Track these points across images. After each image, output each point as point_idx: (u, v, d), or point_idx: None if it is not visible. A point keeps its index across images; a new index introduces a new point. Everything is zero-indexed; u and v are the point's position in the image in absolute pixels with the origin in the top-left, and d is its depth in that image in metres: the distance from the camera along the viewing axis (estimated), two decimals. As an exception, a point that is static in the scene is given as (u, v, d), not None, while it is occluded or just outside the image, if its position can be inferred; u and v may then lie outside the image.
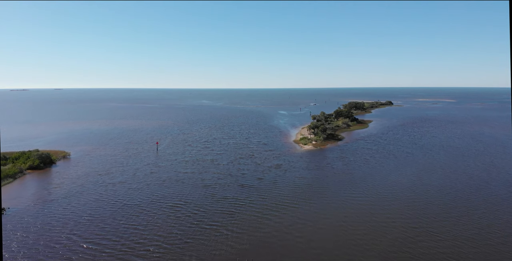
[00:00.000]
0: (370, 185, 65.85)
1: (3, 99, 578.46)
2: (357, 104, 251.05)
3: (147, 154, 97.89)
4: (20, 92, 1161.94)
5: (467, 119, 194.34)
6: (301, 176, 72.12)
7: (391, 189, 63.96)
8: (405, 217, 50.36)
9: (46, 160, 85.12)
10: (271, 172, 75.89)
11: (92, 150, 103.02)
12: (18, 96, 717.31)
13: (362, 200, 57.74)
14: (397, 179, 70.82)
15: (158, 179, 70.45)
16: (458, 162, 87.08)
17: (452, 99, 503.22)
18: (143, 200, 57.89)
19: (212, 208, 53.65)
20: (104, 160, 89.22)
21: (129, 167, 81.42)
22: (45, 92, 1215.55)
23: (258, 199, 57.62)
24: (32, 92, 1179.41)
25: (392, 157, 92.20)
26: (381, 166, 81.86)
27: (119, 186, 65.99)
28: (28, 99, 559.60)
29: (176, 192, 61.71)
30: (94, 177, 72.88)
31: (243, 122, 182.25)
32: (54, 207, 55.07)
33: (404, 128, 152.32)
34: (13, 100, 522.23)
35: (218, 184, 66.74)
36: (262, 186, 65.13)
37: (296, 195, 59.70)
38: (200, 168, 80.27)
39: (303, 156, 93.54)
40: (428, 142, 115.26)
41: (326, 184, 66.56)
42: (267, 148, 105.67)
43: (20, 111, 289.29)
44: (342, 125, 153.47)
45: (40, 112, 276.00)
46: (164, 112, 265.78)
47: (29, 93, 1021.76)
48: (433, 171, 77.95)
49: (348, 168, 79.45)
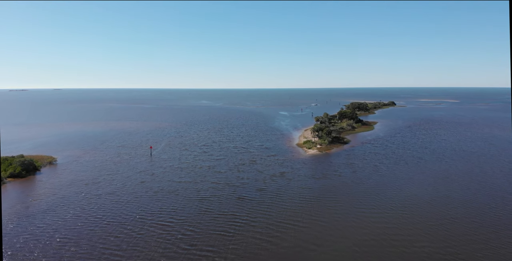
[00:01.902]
0: (383, 198, 59.20)
1: (1, 99, 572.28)
2: (360, 105, 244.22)
3: (140, 159, 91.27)
4: (19, 92, 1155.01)
5: (474, 121, 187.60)
6: (307, 186, 65.45)
7: (407, 202, 57.33)
8: (429, 240, 43.70)
9: (29, 167, 78.53)
10: (274, 181, 69.23)
11: (82, 155, 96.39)
12: (16, 97, 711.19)
13: (377, 217, 51.08)
14: (411, 190, 64.17)
15: (149, 190, 63.80)
16: (475, 169, 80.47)
17: (455, 99, 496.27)
18: (129, 216, 51.25)
19: (207, 228, 47.00)
20: (92, 167, 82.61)
21: (119, 175, 74.81)
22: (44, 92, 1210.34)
23: (260, 216, 50.97)
24: (31, 92, 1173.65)
25: (403, 163, 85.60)
26: (392, 174, 75.26)
27: (104, 199, 59.36)
28: (26, 100, 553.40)
29: (167, 207, 55.06)
30: (79, 187, 66.25)
31: (243, 124, 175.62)
32: (27, 225, 48.46)
33: (412, 131, 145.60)
34: (11, 101, 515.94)
35: (215, 196, 60.07)
36: (264, 199, 58.44)
37: (303, 210, 53.03)
38: (196, 176, 73.63)
39: (308, 162, 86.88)
40: (439, 146, 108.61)
41: (334, 196, 59.90)
42: (269, 152, 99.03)
43: (16, 112, 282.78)
44: (347, 127, 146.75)
45: (37, 113, 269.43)
46: (162, 113, 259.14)
47: (28, 93, 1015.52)
48: (449, 179, 71.31)
49: (357, 177, 72.81)
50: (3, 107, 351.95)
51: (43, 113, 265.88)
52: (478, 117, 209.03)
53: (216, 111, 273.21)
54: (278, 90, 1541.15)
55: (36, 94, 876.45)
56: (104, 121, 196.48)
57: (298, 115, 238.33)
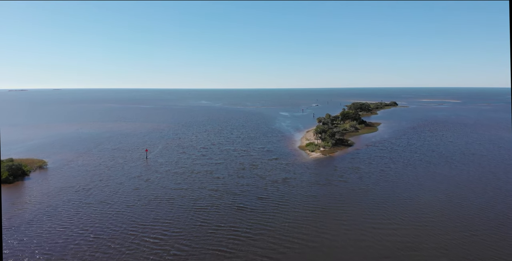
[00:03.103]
0: (394, 208, 55.07)
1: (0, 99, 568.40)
2: (362, 105, 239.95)
3: (136, 163, 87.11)
4: (18, 92, 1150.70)
5: (479, 122, 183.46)
6: (311, 194, 61.29)
7: (419, 213, 53.20)
8: (449, 259, 39.57)
9: (17, 172, 74.43)
10: (276, 188, 65.05)
11: (74, 158, 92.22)
12: (15, 97, 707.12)
13: (389, 230, 46.94)
14: (423, 198, 60.03)
15: (143, 199, 59.63)
16: (486, 174, 76.39)
17: (457, 99, 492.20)
18: (118, 229, 47.10)
19: (204, 243, 42.84)
20: (84, 172, 78.43)
21: (112, 181, 70.64)
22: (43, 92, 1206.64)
23: (260, 229, 46.84)
24: (30, 92, 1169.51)
25: (411, 168, 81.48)
26: (400, 180, 71.11)
27: (94, 208, 55.23)
28: (25, 100, 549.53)
29: (161, 218, 50.91)
30: (68, 195, 62.11)
31: (243, 125, 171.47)
32: (7, 239, 44.32)
33: (417, 132, 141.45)
34: (10, 101, 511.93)
35: (213, 205, 55.91)
36: (266, 209, 54.27)
37: (308, 223, 48.86)
38: (193, 183, 69.45)
39: (311, 167, 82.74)
40: (447, 149, 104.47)
41: (341, 206, 55.75)
42: (270, 156, 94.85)
43: (14, 112, 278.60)
44: (350, 129, 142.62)
45: (34, 113, 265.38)
46: (161, 114, 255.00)
47: (27, 93, 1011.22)
48: (461, 186, 67.18)
49: (364, 183, 68.64)
50: (2, 107, 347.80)
51: (41, 113, 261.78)
52: (483, 118, 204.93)
53: (216, 112, 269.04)
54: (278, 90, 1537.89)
55: (36, 94, 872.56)
56: (101, 122, 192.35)
57: (299, 115, 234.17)
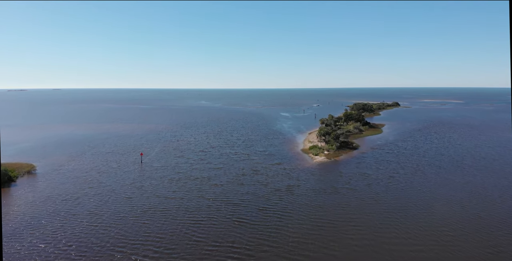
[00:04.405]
0: (407, 222, 50.49)
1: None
2: (365, 106, 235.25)
3: (130, 168, 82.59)
4: (18, 92, 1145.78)
5: (485, 123, 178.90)
6: (317, 205, 56.73)
7: (434, 225, 48.67)
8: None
9: (3, 178, 69.93)
10: (278, 197, 60.43)
11: (66, 163, 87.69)
12: (15, 97, 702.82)
13: (403, 246, 42.40)
14: (437, 209, 55.48)
15: (134, 210, 55.03)
16: (501, 180, 71.86)
17: (459, 99, 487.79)
18: (105, 245, 42.54)
19: (199, 263, 38.34)
20: (75, 178, 73.88)
21: (103, 189, 66.08)
22: (43, 92, 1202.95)
23: (262, 246, 42.28)
24: (30, 92, 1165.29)
25: (420, 174, 76.98)
26: (410, 188, 66.57)
27: (81, 220, 50.69)
28: (24, 100, 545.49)
29: (152, 232, 46.34)
30: (54, 204, 57.57)
31: (243, 126, 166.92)
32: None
33: (423, 134, 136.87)
34: (8, 101, 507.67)
35: (211, 218, 51.30)
36: (268, 222, 49.64)
37: (314, 239, 44.29)
38: (190, 191, 64.86)
39: (316, 172, 78.19)
40: (456, 153, 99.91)
41: (350, 219, 51.18)
42: (272, 160, 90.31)
43: (12, 113, 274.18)
44: (354, 130, 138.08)
45: (32, 114, 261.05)
46: (159, 114, 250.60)
47: (27, 93, 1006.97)
48: (476, 194, 62.63)
49: (373, 191, 64.08)
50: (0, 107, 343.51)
51: (39, 114, 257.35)
52: (488, 119, 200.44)
53: (215, 112, 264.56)
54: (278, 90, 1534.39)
55: (35, 94, 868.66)
56: (97, 123, 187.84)
57: (300, 116, 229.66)
